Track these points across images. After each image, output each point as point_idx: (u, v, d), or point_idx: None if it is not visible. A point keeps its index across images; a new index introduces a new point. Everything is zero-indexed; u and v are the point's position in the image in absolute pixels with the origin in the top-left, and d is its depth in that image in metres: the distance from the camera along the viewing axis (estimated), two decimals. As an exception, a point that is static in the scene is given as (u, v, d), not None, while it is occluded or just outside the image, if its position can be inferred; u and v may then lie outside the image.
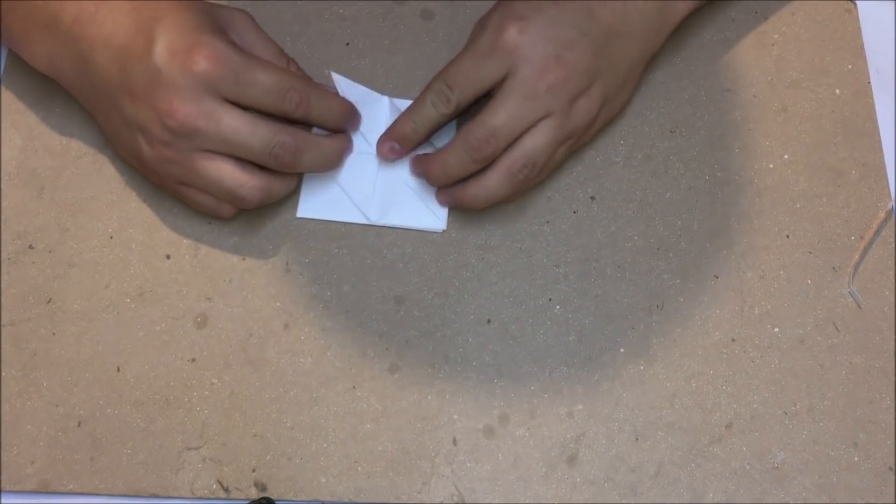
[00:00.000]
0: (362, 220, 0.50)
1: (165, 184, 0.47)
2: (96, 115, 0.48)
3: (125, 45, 0.44)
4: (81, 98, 0.48)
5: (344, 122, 0.50)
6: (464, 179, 0.49)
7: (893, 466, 0.47)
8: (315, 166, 0.48)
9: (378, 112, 0.51)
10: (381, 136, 0.49)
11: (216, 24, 0.46)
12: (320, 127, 0.50)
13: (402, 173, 0.51)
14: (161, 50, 0.43)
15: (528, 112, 0.46)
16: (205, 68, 0.43)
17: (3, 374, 0.47)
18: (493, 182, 0.48)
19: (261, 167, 0.46)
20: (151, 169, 0.47)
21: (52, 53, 0.46)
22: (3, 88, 0.52)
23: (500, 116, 0.46)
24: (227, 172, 0.45)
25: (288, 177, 0.48)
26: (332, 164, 0.49)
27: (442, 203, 0.51)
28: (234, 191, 0.46)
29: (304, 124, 0.49)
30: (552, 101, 0.46)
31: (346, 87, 0.51)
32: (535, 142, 0.47)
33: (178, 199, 0.50)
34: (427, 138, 0.50)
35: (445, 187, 0.50)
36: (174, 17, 0.44)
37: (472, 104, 0.48)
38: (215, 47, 0.43)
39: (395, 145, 0.49)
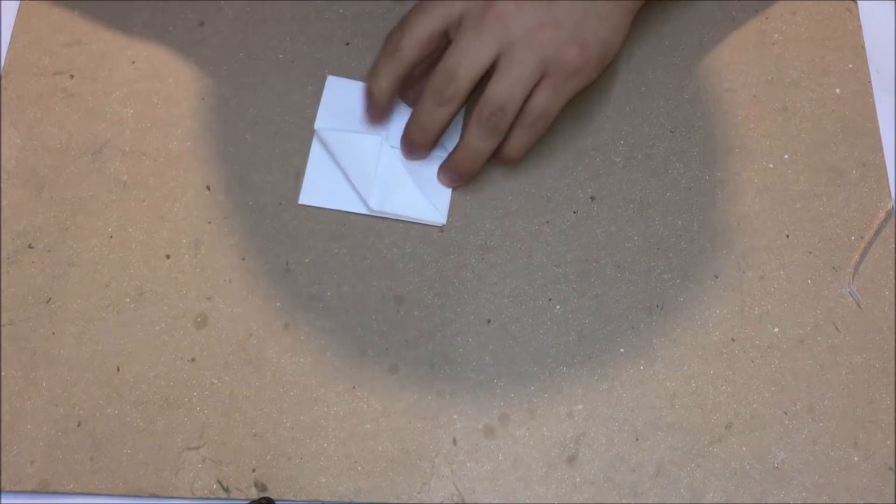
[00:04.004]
0: (363, 210, 0.50)
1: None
2: None
3: None
4: None
5: None
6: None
7: (893, 466, 0.47)
8: None
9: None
10: (403, 137, 0.50)
11: None
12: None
13: (405, 165, 0.51)
14: None
15: (479, 45, 0.46)
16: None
17: (3, 373, 0.47)
18: (468, 136, 0.48)
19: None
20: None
21: None
22: (3, 88, 0.52)
23: (452, 56, 0.46)
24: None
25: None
26: None
27: (442, 182, 0.51)
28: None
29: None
30: (503, 31, 0.46)
31: (342, 86, 0.53)
32: (497, 84, 0.46)
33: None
34: (443, 130, 0.49)
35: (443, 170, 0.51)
36: None
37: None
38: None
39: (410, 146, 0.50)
